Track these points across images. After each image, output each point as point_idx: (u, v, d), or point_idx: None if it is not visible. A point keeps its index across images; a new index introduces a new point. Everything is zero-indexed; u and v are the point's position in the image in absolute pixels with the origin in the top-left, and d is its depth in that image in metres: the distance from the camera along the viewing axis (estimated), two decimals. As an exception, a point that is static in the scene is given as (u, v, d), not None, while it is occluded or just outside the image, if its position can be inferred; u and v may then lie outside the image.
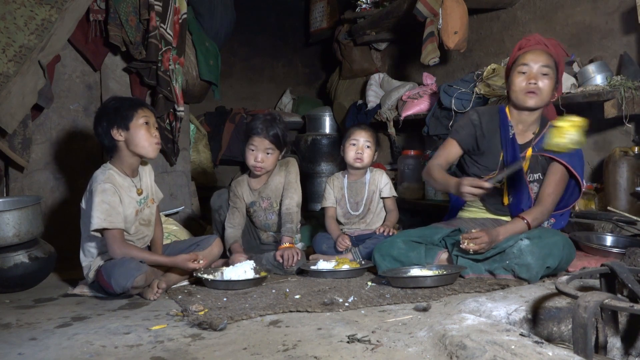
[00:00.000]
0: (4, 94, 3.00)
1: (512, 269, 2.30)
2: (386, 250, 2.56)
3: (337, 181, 3.15)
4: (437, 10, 3.69)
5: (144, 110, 2.51)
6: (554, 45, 2.53)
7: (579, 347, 1.52)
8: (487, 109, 2.71)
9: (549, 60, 2.45)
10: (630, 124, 2.93)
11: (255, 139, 2.91)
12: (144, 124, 2.48)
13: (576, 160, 2.48)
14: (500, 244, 2.37)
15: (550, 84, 2.45)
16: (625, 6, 3.12)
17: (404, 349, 1.61)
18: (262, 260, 2.83)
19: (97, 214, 2.39)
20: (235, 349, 1.66)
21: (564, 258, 2.33)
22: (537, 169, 2.55)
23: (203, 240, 2.73)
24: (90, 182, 2.52)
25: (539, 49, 2.47)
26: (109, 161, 2.56)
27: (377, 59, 5.25)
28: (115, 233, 2.42)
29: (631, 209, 2.88)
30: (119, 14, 3.36)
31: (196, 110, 4.94)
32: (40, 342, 1.83)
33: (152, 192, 2.68)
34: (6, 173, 3.35)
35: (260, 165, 2.91)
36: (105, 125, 2.48)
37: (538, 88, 2.43)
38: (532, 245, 2.28)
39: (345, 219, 3.11)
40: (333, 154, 5.28)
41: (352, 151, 3.04)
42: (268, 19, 6.05)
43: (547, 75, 2.43)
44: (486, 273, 2.38)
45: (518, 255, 2.28)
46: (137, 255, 2.44)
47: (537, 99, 2.45)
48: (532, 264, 2.26)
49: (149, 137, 2.49)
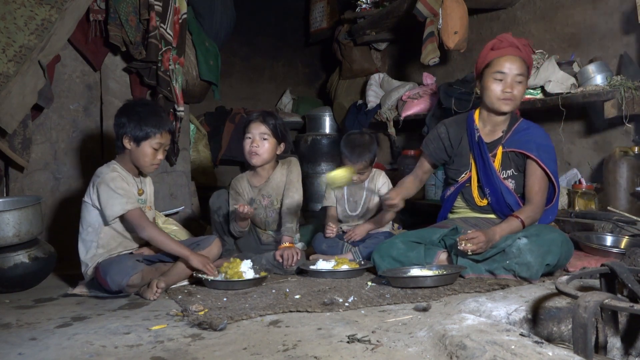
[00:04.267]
0: (4, 94, 3.00)
1: (512, 268, 2.31)
2: (385, 251, 2.57)
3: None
4: (437, 10, 3.69)
5: (163, 136, 2.57)
6: (525, 47, 2.58)
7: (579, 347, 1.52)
8: (455, 119, 2.80)
9: (522, 67, 2.52)
10: (630, 124, 2.93)
11: (251, 126, 2.93)
12: (154, 149, 2.56)
13: (543, 154, 2.52)
14: (499, 243, 2.38)
15: (523, 89, 2.55)
16: (625, 6, 3.12)
17: (404, 349, 1.61)
18: (262, 260, 2.83)
19: (116, 200, 2.45)
20: (235, 349, 1.66)
21: (562, 255, 2.34)
22: (510, 165, 2.60)
23: (203, 240, 2.73)
24: (94, 178, 2.56)
25: (514, 55, 2.51)
26: (115, 158, 2.63)
27: (377, 59, 5.24)
28: (138, 212, 2.49)
29: (631, 209, 2.88)
30: (119, 14, 3.36)
31: (196, 110, 4.94)
32: (40, 342, 1.83)
33: (151, 201, 2.73)
34: (6, 173, 3.35)
35: (255, 150, 2.90)
36: (122, 126, 2.55)
37: (513, 95, 2.51)
38: (530, 244, 2.30)
39: (344, 217, 3.11)
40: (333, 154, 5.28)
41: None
42: (268, 19, 6.05)
43: (521, 82, 2.52)
44: (486, 273, 2.39)
45: (517, 255, 2.30)
46: (161, 237, 2.49)
47: (512, 104, 2.54)
48: (532, 262, 2.27)
49: (152, 160, 2.58)
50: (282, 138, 2.96)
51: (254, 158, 2.92)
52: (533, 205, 2.51)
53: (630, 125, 2.96)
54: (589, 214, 2.98)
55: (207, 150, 5.00)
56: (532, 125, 2.64)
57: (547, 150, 2.54)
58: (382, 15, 4.44)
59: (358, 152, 3.00)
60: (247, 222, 2.90)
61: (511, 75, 2.50)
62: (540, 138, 2.57)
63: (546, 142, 2.57)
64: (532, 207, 2.50)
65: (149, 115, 2.55)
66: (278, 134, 2.94)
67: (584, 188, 3.14)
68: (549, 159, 2.53)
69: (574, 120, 3.41)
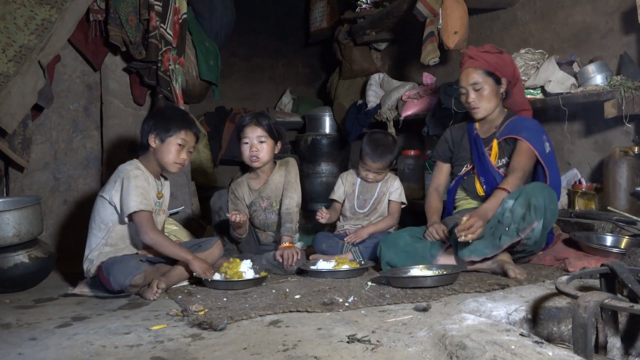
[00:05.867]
0: (4, 94, 3.00)
1: (515, 230, 2.40)
2: (392, 241, 2.68)
3: (350, 177, 3.20)
4: (437, 10, 3.68)
5: (187, 134, 2.61)
6: (481, 54, 2.72)
7: (579, 347, 1.52)
8: (459, 125, 3.03)
9: (477, 76, 2.70)
10: (630, 124, 2.93)
11: (246, 130, 2.94)
12: (179, 145, 2.58)
13: (530, 135, 2.65)
14: (492, 219, 2.48)
15: (486, 94, 2.71)
16: (625, 6, 3.12)
17: (404, 349, 1.61)
18: (262, 260, 2.83)
19: (134, 197, 2.46)
20: (235, 349, 1.66)
21: (546, 197, 2.41)
22: (504, 155, 2.75)
23: (204, 242, 2.74)
24: (116, 173, 2.58)
25: (469, 68, 2.73)
26: (138, 158, 2.65)
27: (377, 59, 5.24)
28: (148, 215, 2.49)
29: (631, 209, 2.88)
30: (119, 14, 3.36)
31: (196, 110, 4.94)
32: (40, 342, 1.83)
33: (166, 204, 2.75)
34: (6, 173, 3.35)
35: (255, 154, 2.91)
36: (150, 125, 2.61)
37: (476, 104, 2.73)
38: (515, 200, 2.43)
39: (350, 213, 3.12)
40: (333, 154, 5.28)
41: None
42: (268, 19, 6.05)
43: (479, 90, 2.71)
44: (491, 251, 2.44)
45: (510, 216, 2.41)
46: (164, 242, 2.50)
47: (481, 111, 2.75)
48: (524, 212, 2.39)
49: (176, 158, 2.60)
50: (278, 137, 2.97)
51: (255, 162, 2.94)
52: (516, 173, 2.59)
53: (630, 125, 2.96)
54: (589, 214, 2.98)
55: (207, 150, 5.00)
56: (526, 118, 2.80)
57: (535, 133, 2.67)
58: (382, 15, 4.44)
59: (380, 151, 3.02)
60: (244, 228, 2.90)
61: (467, 87, 2.73)
62: (530, 124, 2.72)
63: (535, 127, 2.70)
64: (515, 175, 2.58)
65: (175, 115, 2.65)
66: (274, 134, 2.95)
67: (584, 188, 3.14)
68: (536, 139, 2.65)
69: (574, 120, 3.41)
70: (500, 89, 2.75)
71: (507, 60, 2.76)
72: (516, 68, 2.82)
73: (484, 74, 2.70)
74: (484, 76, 2.70)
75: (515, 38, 3.88)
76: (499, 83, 2.73)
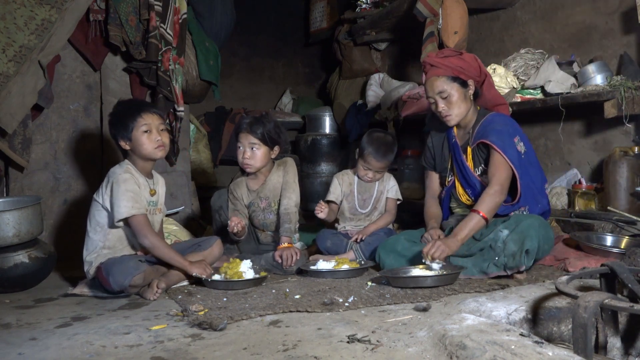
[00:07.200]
0: (4, 94, 3.00)
1: (502, 263, 2.34)
2: (391, 246, 2.67)
3: (347, 177, 3.18)
4: (437, 10, 3.69)
5: (144, 117, 2.56)
6: (444, 59, 2.64)
7: (579, 347, 1.52)
8: (440, 130, 2.90)
9: (442, 84, 2.62)
10: (630, 124, 2.94)
11: (240, 136, 2.95)
12: (144, 132, 2.55)
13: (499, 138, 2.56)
14: (483, 238, 2.44)
15: (455, 100, 2.62)
16: (625, 6, 3.12)
17: (404, 349, 1.61)
18: (262, 261, 2.83)
19: (124, 202, 2.44)
20: (235, 349, 1.66)
21: (541, 238, 2.36)
22: (479, 162, 2.68)
23: (204, 242, 2.74)
24: (107, 177, 2.56)
25: (432, 77, 2.65)
26: (125, 160, 2.63)
27: (377, 59, 5.24)
28: (143, 219, 2.47)
29: (631, 209, 2.88)
30: (119, 14, 3.36)
31: (196, 110, 4.94)
32: (40, 342, 1.83)
33: (161, 202, 2.72)
34: (6, 173, 3.35)
35: (247, 162, 2.92)
36: (114, 134, 2.60)
37: (446, 112, 2.65)
38: (511, 234, 2.36)
39: (351, 214, 3.12)
40: (333, 154, 5.28)
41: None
42: (268, 19, 6.05)
43: (447, 97, 2.62)
44: (478, 274, 2.40)
45: (503, 248, 2.34)
46: (163, 247, 2.48)
47: (453, 118, 2.66)
48: (516, 250, 2.32)
49: (151, 142, 2.56)
50: (274, 143, 2.96)
51: (247, 168, 2.96)
52: (489, 193, 2.50)
53: (630, 125, 2.96)
54: (589, 214, 2.98)
55: (207, 150, 5.00)
56: (497, 115, 2.69)
57: (505, 135, 2.56)
58: (382, 15, 4.44)
59: (384, 150, 3.02)
60: (243, 230, 2.89)
61: (434, 97, 2.65)
62: (499, 125, 2.61)
63: (504, 128, 2.59)
64: (489, 195, 2.49)
65: (124, 109, 2.60)
66: (267, 141, 2.93)
67: (584, 188, 3.14)
68: (506, 142, 2.55)
69: (574, 120, 3.41)
70: (468, 92, 2.65)
71: (469, 61, 2.66)
72: (481, 65, 2.70)
73: (448, 80, 2.61)
74: (449, 82, 2.62)
75: (515, 38, 3.89)
76: (466, 86, 2.64)
